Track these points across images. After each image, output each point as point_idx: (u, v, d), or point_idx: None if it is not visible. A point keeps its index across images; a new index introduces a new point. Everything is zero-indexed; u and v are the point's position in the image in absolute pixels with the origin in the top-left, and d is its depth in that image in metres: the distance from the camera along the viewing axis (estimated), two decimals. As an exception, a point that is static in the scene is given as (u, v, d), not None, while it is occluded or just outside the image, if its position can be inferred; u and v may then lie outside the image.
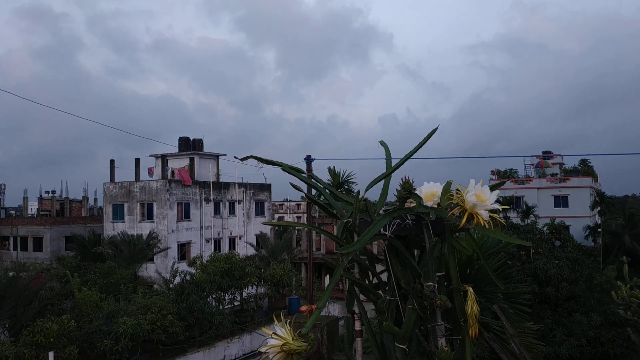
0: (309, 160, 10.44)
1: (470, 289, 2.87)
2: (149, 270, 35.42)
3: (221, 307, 25.59)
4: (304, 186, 3.70)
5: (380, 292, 3.26)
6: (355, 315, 3.32)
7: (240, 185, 46.47)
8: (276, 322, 3.00)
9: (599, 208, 62.60)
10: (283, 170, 3.47)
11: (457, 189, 2.98)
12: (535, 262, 19.98)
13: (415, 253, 3.34)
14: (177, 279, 24.78)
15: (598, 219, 63.49)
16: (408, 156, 3.40)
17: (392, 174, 3.52)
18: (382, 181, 3.51)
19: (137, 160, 44.46)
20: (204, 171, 45.11)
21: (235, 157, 3.58)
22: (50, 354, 15.66)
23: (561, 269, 20.20)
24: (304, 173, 3.55)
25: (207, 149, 47.18)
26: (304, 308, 2.91)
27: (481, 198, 2.78)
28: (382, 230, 3.02)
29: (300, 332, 2.90)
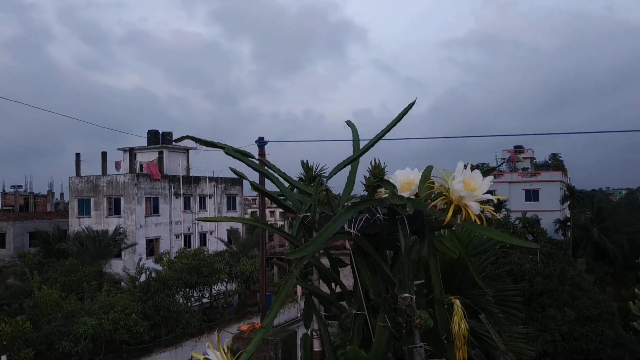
0: (261, 143, 9.25)
1: (457, 302, 2.27)
2: (116, 267, 34.30)
3: (189, 304, 24.75)
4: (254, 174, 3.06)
5: (344, 304, 2.65)
6: (315, 333, 2.70)
7: (212, 179, 45.50)
8: (209, 344, 2.36)
9: (568, 202, 63.38)
10: (226, 153, 2.82)
11: (441, 176, 2.36)
12: (509, 257, 19.68)
13: (388, 255, 2.73)
14: (144, 277, 23.85)
15: (568, 213, 64.27)
16: (380, 136, 2.77)
17: (361, 160, 2.90)
18: (349, 168, 2.89)
19: (104, 154, 43.10)
20: (174, 165, 44.00)
21: (169, 137, 2.92)
22: (3, 358, 14.69)
23: (535, 264, 19.96)
24: (252, 157, 2.90)
25: (187, 144, 45.83)
26: (244, 327, 2.27)
27: (470, 186, 2.17)
28: (346, 227, 2.40)
29: (241, 358, 2.27)
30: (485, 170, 2.30)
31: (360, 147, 2.91)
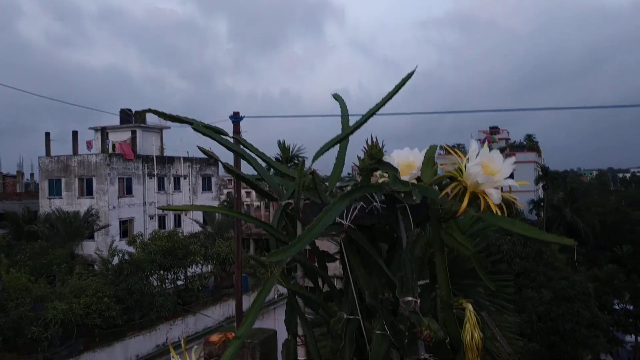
0: (235, 119, 8.53)
1: (470, 307, 1.92)
2: (88, 248, 33.53)
3: (164, 287, 24.26)
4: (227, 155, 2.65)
5: (334, 306, 2.28)
6: (299, 340, 2.33)
7: (186, 159, 44.67)
8: (173, 354, 1.97)
9: (542, 182, 64.16)
10: (195, 129, 2.41)
11: (453, 155, 1.99)
12: (488, 238, 19.60)
13: (383, 250, 2.36)
14: (116, 259, 23.25)
15: (541, 194, 65.11)
16: (374, 110, 2.38)
17: (351, 139, 2.52)
18: (337, 148, 2.51)
19: (75, 133, 41.92)
20: (147, 145, 43.03)
21: (131, 112, 2.49)
22: (-33, 346, 14.08)
23: (514, 245, 19.96)
24: (226, 135, 2.49)
25: (151, 122, 44.95)
26: (214, 338, 1.90)
27: (490, 169, 1.80)
28: (337, 218, 2.02)
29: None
30: (502, 148, 1.94)
31: (350, 123, 2.52)
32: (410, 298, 1.89)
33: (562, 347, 19.92)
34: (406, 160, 2.28)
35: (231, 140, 2.52)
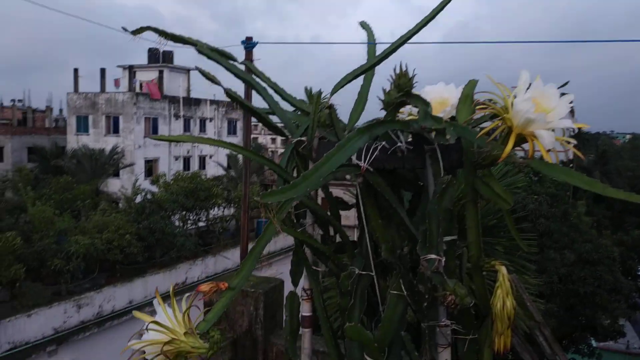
0: (248, 44, 7.77)
1: (503, 270, 1.63)
2: (113, 186, 33.98)
3: (185, 227, 24.54)
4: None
5: (345, 259, 2.01)
6: (305, 294, 2.08)
7: (213, 102, 44.41)
8: (159, 300, 1.75)
9: (573, 143, 62.73)
10: (199, 52, 2.10)
11: (490, 94, 1.65)
12: (514, 196, 19.15)
13: (406, 199, 2.07)
14: (139, 198, 23.47)
15: (571, 155, 63.54)
16: (407, 37, 2.04)
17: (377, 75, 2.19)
18: (361, 80, 2.19)
19: (103, 71, 41.89)
20: (174, 85, 42.82)
21: (124, 29, 2.18)
22: (-8, 273, 14.46)
23: (540, 204, 19.49)
24: (234, 60, 2.18)
25: (181, 63, 44.54)
26: (204, 287, 1.65)
27: (543, 106, 1.47)
28: (353, 158, 1.73)
29: (199, 328, 1.66)
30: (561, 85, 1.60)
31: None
32: (433, 256, 1.60)
33: (580, 310, 19.69)
34: (440, 97, 1.95)
35: (241, 67, 2.21)
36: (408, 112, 2.01)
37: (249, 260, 1.65)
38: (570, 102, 1.46)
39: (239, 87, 2.32)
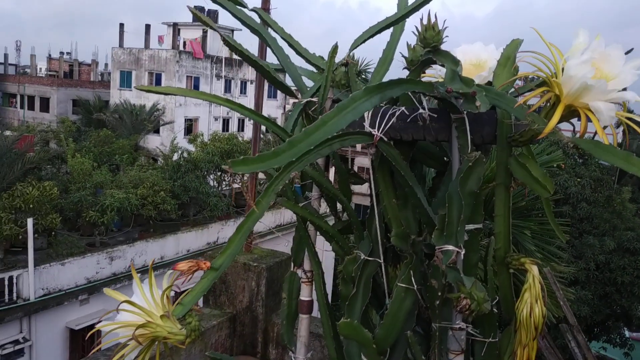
0: None
1: (535, 270, 1.34)
2: (153, 142, 34.39)
3: (220, 188, 24.65)
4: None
5: (352, 241, 1.76)
6: (305, 276, 1.84)
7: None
8: (135, 276, 1.54)
9: (622, 127, 60.42)
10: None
11: (538, 57, 1.34)
12: (556, 178, 18.44)
13: (428, 178, 1.79)
14: (176, 156, 23.62)
15: (620, 138, 61.31)
16: None
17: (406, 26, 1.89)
18: (388, 36, 1.90)
19: (148, 27, 42.06)
20: (218, 45, 42.65)
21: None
22: (29, 221, 14.75)
23: (583, 188, 18.72)
24: (243, 5, 1.92)
25: (223, 22, 44.26)
26: (182, 266, 1.42)
27: (603, 72, 1.16)
28: (366, 125, 1.46)
29: (174, 312, 1.45)
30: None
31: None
32: (451, 247, 1.33)
33: (616, 299, 19.03)
34: (476, 58, 1.64)
35: (249, 14, 1.95)
36: (439, 76, 1.71)
37: (235, 238, 1.41)
38: (639, 70, 1.15)
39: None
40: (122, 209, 17.81)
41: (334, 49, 1.74)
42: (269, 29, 2.01)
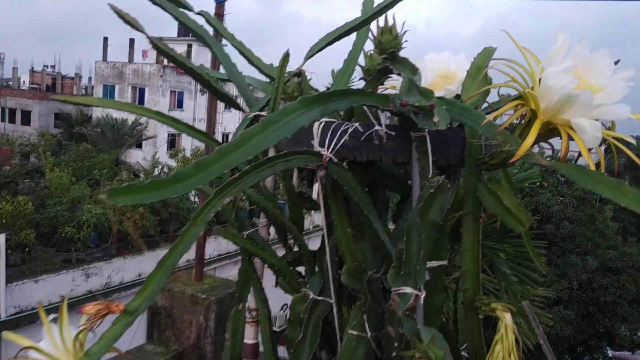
0: None
1: (508, 318, 1.13)
2: (136, 157, 33.96)
3: (201, 204, 24.30)
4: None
5: (302, 277, 1.53)
6: (250, 315, 1.61)
7: (239, 79, 43.91)
8: (45, 321, 1.31)
9: (605, 145, 61.27)
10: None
11: (513, 66, 1.14)
12: (538, 197, 18.38)
13: (394, 203, 1.59)
14: (157, 171, 23.27)
15: (597, 157, 62.18)
16: None
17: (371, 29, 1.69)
18: (352, 42, 1.70)
19: (132, 41, 41.85)
20: (202, 60, 42.23)
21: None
22: (1, 236, 14.28)
23: (565, 207, 18.69)
24: (189, 9, 1.71)
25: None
26: (89, 309, 1.19)
27: (587, 82, 0.96)
28: (315, 143, 1.26)
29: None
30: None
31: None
32: (409, 289, 1.12)
33: (599, 319, 18.93)
34: (444, 69, 1.45)
35: (196, 19, 1.74)
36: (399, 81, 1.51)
37: (156, 275, 1.18)
38: (631, 81, 0.95)
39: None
40: (100, 225, 17.39)
41: (285, 58, 1.53)
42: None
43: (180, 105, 39.91)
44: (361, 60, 1.49)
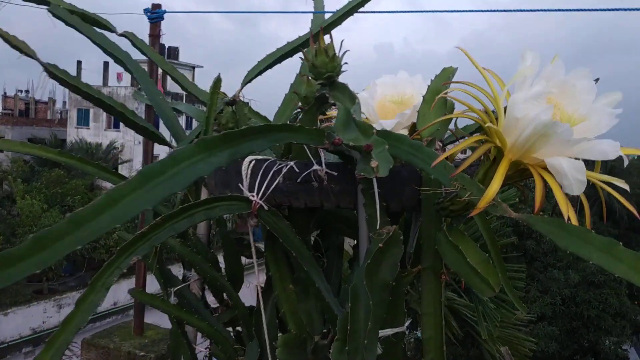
0: (154, 13, 5.21)
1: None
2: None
3: (179, 228, 23.82)
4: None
5: (234, 340, 1.30)
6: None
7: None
8: None
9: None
10: (53, 14, 1.41)
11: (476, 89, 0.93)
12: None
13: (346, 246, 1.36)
14: (132, 195, 22.76)
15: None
16: (355, 4, 1.35)
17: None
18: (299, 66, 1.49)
19: (106, 64, 41.41)
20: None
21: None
22: (-32, 269, 13.73)
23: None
24: (110, 30, 1.50)
25: (195, 62, 43.95)
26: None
27: (566, 111, 0.76)
28: (245, 188, 1.03)
29: None
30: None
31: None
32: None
33: (583, 334, 18.84)
34: (399, 94, 1.24)
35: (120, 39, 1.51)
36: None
37: (56, 340, 0.93)
38: (619, 108, 0.75)
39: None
40: (73, 253, 16.86)
41: (216, 84, 1.32)
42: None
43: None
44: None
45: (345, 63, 1.02)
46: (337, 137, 0.82)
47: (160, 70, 2.14)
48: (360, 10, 1.41)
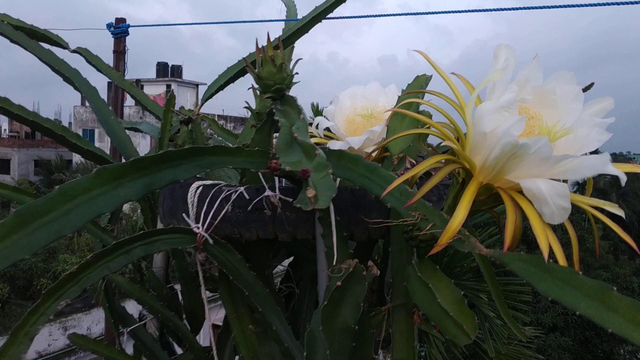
0: (117, 28, 5.15)
1: None
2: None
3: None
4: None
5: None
6: None
7: (220, 117, 43.90)
8: None
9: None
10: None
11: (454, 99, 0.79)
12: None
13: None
14: (136, 216, 22.74)
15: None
16: (322, 10, 1.22)
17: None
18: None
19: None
20: (182, 100, 42.35)
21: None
22: (-28, 293, 13.66)
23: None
24: (62, 46, 1.38)
25: (190, 78, 44.09)
26: None
27: (545, 124, 0.62)
28: (190, 219, 0.90)
29: None
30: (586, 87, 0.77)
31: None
32: None
33: (597, 343, 18.47)
34: (370, 106, 1.12)
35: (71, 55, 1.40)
36: (318, 135, 1.18)
37: None
38: (610, 117, 0.61)
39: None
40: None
41: (170, 100, 1.19)
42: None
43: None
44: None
45: (297, 73, 0.89)
46: (273, 161, 0.69)
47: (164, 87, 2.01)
48: (360, 15, 1.29)
